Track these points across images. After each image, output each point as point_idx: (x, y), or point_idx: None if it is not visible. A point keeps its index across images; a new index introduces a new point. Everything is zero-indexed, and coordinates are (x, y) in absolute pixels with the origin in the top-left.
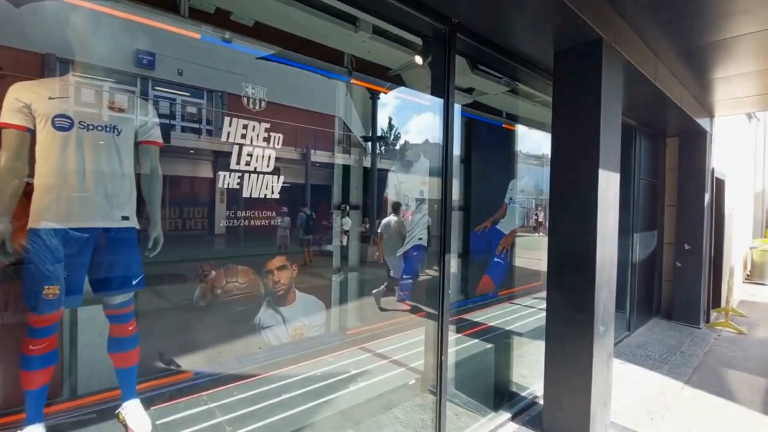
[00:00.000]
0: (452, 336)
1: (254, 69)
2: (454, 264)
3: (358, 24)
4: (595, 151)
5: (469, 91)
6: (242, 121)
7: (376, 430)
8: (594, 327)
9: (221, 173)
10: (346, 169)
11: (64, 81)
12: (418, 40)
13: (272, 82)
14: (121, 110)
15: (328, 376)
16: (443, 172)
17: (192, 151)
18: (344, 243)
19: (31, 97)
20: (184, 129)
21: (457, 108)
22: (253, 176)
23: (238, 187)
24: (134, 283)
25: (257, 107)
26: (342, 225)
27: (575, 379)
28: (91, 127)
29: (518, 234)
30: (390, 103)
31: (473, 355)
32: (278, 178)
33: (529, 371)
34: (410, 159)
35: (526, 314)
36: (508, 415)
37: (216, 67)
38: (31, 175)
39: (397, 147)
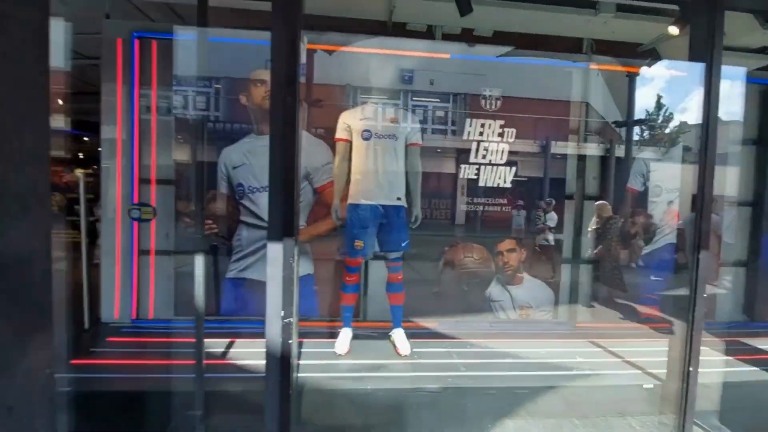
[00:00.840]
0: (720, 357)
1: (494, 69)
2: (730, 273)
3: (598, 6)
4: None
5: (763, 50)
6: (479, 120)
7: (605, 429)
8: None
9: (462, 165)
10: (590, 159)
11: (365, 107)
12: (672, 6)
13: (510, 79)
14: (395, 122)
15: (551, 359)
16: (701, 156)
17: (439, 150)
18: (550, 241)
19: (350, 120)
20: (433, 131)
21: (739, 72)
22: (488, 168)
23: (475, 177)
24: (403, 245)
25: (494, 106)
26: (546, 221)
27: None
28: (380, 136)
29: None
30: (658, 78)
31: (753, 387)
32: (510, 170)
33: None
34: (680, 144)
35: None
36: None
37: (462, 72)
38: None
39: (667, 130)
